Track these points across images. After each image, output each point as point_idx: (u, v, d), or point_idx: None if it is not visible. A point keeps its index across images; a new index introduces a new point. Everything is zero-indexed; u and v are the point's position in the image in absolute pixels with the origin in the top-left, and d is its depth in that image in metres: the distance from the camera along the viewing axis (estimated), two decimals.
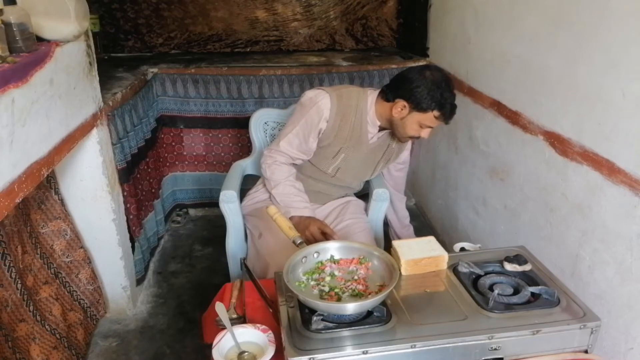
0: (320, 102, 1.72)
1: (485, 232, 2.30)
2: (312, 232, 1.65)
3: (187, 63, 2.95)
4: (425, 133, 1.72)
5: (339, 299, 1.16)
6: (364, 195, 2.09)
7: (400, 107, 1.68)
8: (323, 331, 1.07)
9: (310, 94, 1.77)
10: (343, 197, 1.98)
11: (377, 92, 1.78)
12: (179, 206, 3.23)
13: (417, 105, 1.64)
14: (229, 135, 3.04)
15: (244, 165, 2.18)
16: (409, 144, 1.99)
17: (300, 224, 1.67)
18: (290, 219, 1.60)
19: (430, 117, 1.66)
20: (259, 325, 1.17)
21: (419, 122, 1.68)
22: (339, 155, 1.80)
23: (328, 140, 1.77)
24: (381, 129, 1.81)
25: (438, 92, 1.62)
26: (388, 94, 1.71)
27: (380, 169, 1.95)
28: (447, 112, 1.65)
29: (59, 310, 1.94)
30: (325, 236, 1.63)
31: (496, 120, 2.11)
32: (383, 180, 2.06)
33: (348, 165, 1.84)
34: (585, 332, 1.10)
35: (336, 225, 1.83)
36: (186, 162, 3.11)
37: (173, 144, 3.05)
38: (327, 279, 1.23)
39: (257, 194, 1.96)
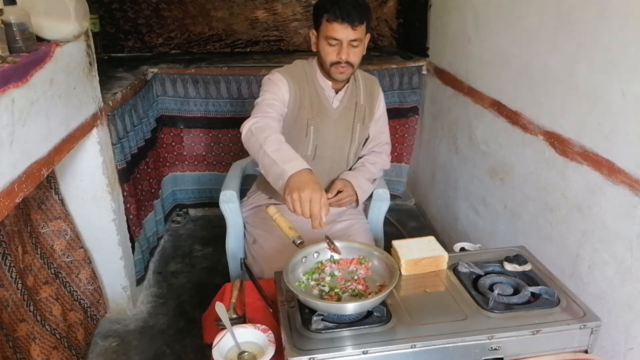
0: (273, 77, 1.71)
1: (485, 232, 2.30)
2: (310, 208, 1.25)
3: (187, 63, 2.96)
4: (341, 52, 1.60)
5: (339, 299, 1.16)
6: None
7: (313, 40, 1.68)
8: (323, 331, 1.07)
9: (264, 80, 1.74)
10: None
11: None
12: (179, 206, 3.23)
13: (316, 25, 1.64)
14: (229, 135, 3.04)
15: (244, 165, 2.17)
16: (379, 96, 1.87)
17: (297, 186, 1.26)
18: (289, 179, 1.29)
19: (325, 25, 1.59)
20: (259, 325, 1.17)
21: (324, 38, 1.61)
22: (309, 129, 1.75)
23: (294, 113, 1.73)
24: (337, 90, 1.78)
25: (322, 1, 1.60)
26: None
27: (359, 132, 1.83)
28: (337, 9, 1.56)
29: (59, 310, 1.94)
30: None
31: (496, 120, 2.11)
32: (383, 180, 2.05)
33: (322, 138, 1.78)
34: (585, 332, 1.10)
35: (335, 226, 1.83)
36: (186, 162, 3.11)
37: (173, 144, 3.05)
38: (327, 279, 1.23)
39: (249, 201, 1.96)
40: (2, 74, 1.29)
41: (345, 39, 1.59)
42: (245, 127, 1.52)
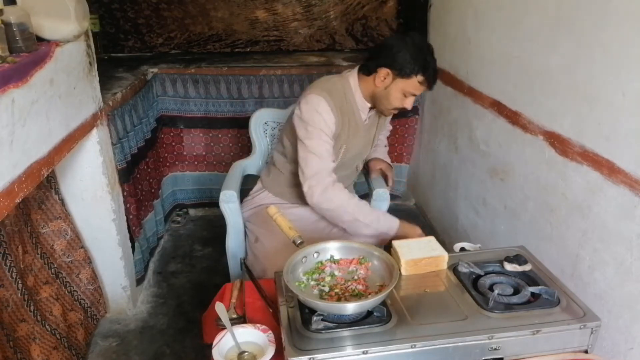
0: (319, 108, 1.64)
1: (485, 232, 2.30)
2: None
3: (187, 63, 2.96)
4: (409, 103, 1.68)
5: (339, 299, 1.16)
6: (364, 195, 2.09)
7: (383, 76, 1.64)
8: (323, 331, 1.07)
9: (306, 106, 1.66)
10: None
11: (356, 71, 1.74)
12: (179, 206, 3.23)
13: (400, 71, 1.61)
14: (229, 135, 3.04)
15: (244, 165, 2.17)
16: None
17: (414, 233, 1.67)
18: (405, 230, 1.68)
19: (414, 82, 1.62)
20: (259, 325, 1.17)
21: (403, 90, 1.64)
22: (340, 149, 1.78)
23: (336, 138, 1.75)
24: (370, 108, 1.79)
25: (421, 56, 1.59)
26: (368, 66, 1.68)
27: (376, 140, 1.97)
28: (431, 75, 1.62)
29: (59, 310, 1.94)
30: None
31: (496, 120, 2.11)
32: (382, 180, 2.05)
33: (349, 155, 1.83)
34: (585, 332, 1.10)
35: (336, 225, 1.83)
36: (186, 162, 3.11)
37: (173, 144, 3.05)
38: (327, 279, 1.23)
39: (254, 200, 1.96)
40: (2, 74, 1.29)
41: (418, 95, 1.68)
42: (316, 193, 1.65)
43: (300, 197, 1.78)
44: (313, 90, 1.69)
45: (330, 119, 1.67)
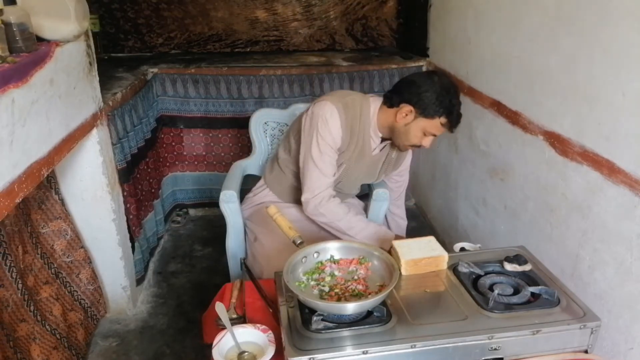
0: (330, 120, 1.63)
1: (485, 232, 2.30)
2: None
3: (187, 63, 2.95)
4: (427, 142, 1.65)
5: (339, 299, 1.16)
6: (364, 195, 2.08)
7: (405, 112, 1.61)
8: (323, 331, 1.07)
9: (317, 110, 1.65)
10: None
11: (380, 99, 1.71)
12: (179, 206, 3.23)
13: (424, 111, 1.58)
14: (229, 135, 3.04)
15: (244, 165, 2.17)
16: (409, 153, 1.93)
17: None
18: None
19: (436, 124, 1.60)
20: (259, 325, 1.17)
21: (424, 129, 1.62)
22: (340, 168, 1.75)
23: (339, 152, 1.73)
24: (382, 139, 1.75)
25: (447, 98, 1.56)
26: (392, 98, 1.64)
27: (379, 178, 1.91)
28: (454, 119, 1.59)
29: (59, 310, 1.94)
30: None
31: (496, 120, 2.11)
32: (383, 180, 2.05)
33: (349, 177, 1.80)
34: (585, 332, 1.10)
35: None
36: (186, 162, 3.11)
37: (173, 144, 3.05)
38: (327, 279, 1.23)
39: (254, 198, 1.96)
40: (2, 74, 1.29)
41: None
42: (311, 206, 1.69)
43: (300, 198, 1.78)
44: (330, 98, 1.67)
45: (337, 132, 1.65)
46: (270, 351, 1.09)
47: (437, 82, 1.59)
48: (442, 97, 1.56)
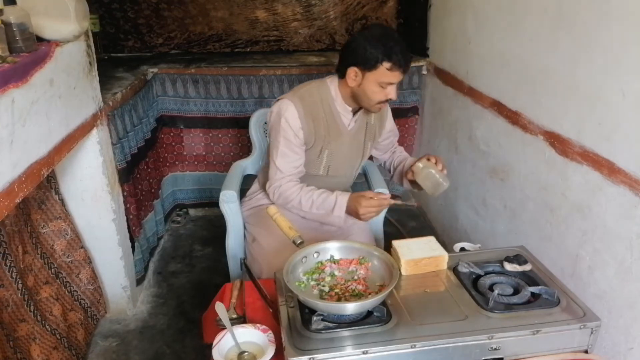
0: (286, 115, 1.68)
1: (485, 232, 2.30)
2: (370, 211, 1.61)
3: (187, 63, 2.95)
4: (391, 93, 1.63)
5: (339, 299, 1.16)
6: None
7: (352, 75, 1.63)
8: (323, 331, 1.07)
9: (275, 109, 1.72)
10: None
11: (336, 76, 1.74)
12: (179, 206, 3.23)
13: (365, 65, 1.59)
14: (229, 135, 3.04)
15: (244, 165, 2.17)
16: (387, 114, 1.92)
17: (355, 208, 1.62)
18: (351, 211, 1.64)
19: (382, 71, 1.58)
20: (259, 325, 1.17)
21: (377, 82, 1.61)
22: (322, 153, 1.77)
23: (309, 144, 1.74)
24: (355, 112, 1.77)
25: (381, 43, 1.57)
26: (340, 69, 1.68)
27: (369, 149, 1.90)
28: (399, 58, 1.57)
29: (59, 310, 1.94)
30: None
31: (496, 120, 2.11)
32: (383, 179, 2.05)
33: (336, 160, 1.81)
34: (585, 332, 1.10)
35: (334, 225, 1.83)
36: (186, 162, 3.11)
37: (173, 144, 3.05)
38: (327, 279, 1.23)
39: (251, 202, 1.96)
40: (2, 74, 1.29)
41: (397, 82, 1.63)
42: (272, 196, 1.76)
43: None
44: (286, 95, 1.73)
45: (296, 124, 1.68)
46: (270, 351, 1.09)
47: (367, 33, 1.61)
48: (375, 44, 1.57)
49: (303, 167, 1.77)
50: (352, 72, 1.63)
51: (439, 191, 1.62)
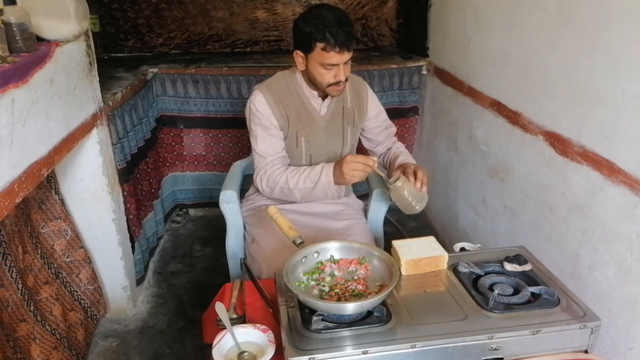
0: (255, 102, 1.70)
1: (485, 232, 2.30)
2: (355, 169, 1.55)
3: (187, 63, 2.96)
4: (339, 74, 1.60)
5: (339, 299, 1.16)
6: (364, 195, 2.08)
7: (299, 59, 1.64)
8: (323, 331, 1.07)
9: (249, 102, 1.74)
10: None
11: None
12: (179, 206, 3.23)
13: (304, 48, 1.59)
14: (229, 135, 3.04)
15: (244, 165, 2.17)
16: (367, 96, 1.88)
17: (342, 170, 1.57)
18: (337, 175, 1.59)
19: (319, 53, 1.56)
20: (259, 325, 1.17)
21: (319, 64, 1.59)
22: (299, 140, 1.77)
23: (284, 130, 1.75)
24: (324, 97, 1.77)
25: (312, 23, 1.55)
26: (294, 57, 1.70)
27: (350, 135, 1.86)
28: (332, 37, 1.52)
29: (59, 310, 1.94)
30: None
31: (496, 120, 2.11)
32: (383, 180, 2.04)
33: (315, 146, 1.80)
34: (585, 332, 1.10)
35: (335, 225, 1.83)
36: (186, 162, 3.11)
37: (173, 144, 3.05)
38: (327, 279, 1.23)
39: (250, 203, 1.96)
40: (2, 74, 1.29)
41: (341, 62, 1.60)
42: (260, 184, 1.76)
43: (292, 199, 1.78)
44: (256, 86, 1.76)
45: (266, 110, 1.71)
46: (270, 351, 1.09)
47: (303, 15, 1.61)
48: (308, 26, 1.56)
49: (285, 153, 1.77)
50: (297, 56, 1.65)
51: (413, 212, 1.59)
